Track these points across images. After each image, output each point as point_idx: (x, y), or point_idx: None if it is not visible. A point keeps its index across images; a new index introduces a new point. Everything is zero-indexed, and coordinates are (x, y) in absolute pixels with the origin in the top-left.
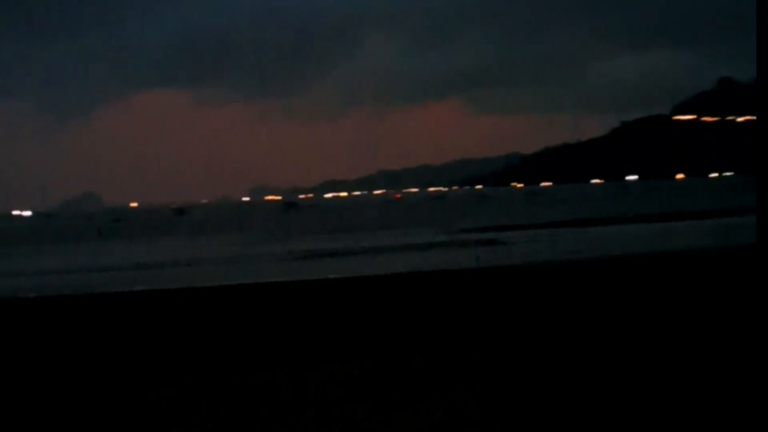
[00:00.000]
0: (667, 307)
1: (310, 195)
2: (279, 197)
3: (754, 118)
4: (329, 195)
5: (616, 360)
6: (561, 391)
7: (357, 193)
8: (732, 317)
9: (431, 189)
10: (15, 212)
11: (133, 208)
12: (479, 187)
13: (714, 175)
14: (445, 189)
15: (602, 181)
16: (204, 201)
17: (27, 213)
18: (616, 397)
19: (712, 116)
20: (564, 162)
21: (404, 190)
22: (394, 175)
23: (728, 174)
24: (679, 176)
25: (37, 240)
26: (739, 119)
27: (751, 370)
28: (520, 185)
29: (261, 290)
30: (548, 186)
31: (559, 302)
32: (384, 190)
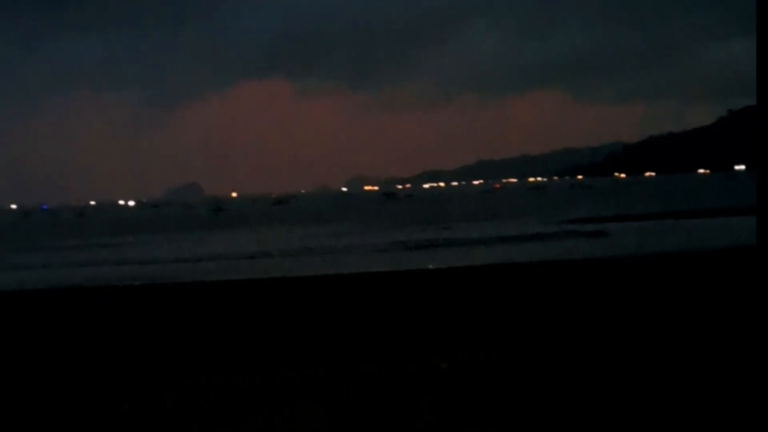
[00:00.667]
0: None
1: (408, 185)
2: (377, 187)
3: None
4: (427, 185)
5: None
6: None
7: (455, 183)
8: None
9: (531, 179)
10: (120, 202)
11: (234, 198)
12: (580, 177)
13: None
14: (545, 179)
15: (708, 171)
16: (302, 191)
17: (131, 203)
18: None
19: None
20: (668, 151)
21: (503, 181)
22: (493, 165)
23: None
24: None
25: (144, 229)
26: None
27: None
28: (623, 175)
29: (365, 280)
30: (651, 176)
31: (674, 296)
32: (482, 181)
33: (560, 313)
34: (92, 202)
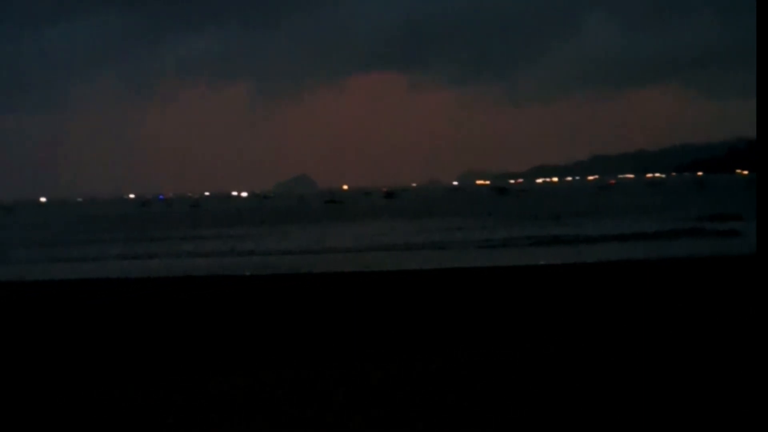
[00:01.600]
0: None
1: (521, 180)
2: (488, 182)
3: None
4: (540, 180)
5: None
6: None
7: (569, 178)
8: None
9: (648, 175)
10: (233, 193)
11: (345, 190)
12: (700, 173)
13: None
14: (663, 175)
15: None
16: (413, 185)
17: (244, 194)
18: None
19: None
20: None
21: (619, 176)
22: (608, 160)
23: None
24: None
25: (256, 220)
26: None
27: None
28: (745, 172)
29: (457, 276)
30: None
31: None
32: (597, 176)
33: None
34: (206, 193)
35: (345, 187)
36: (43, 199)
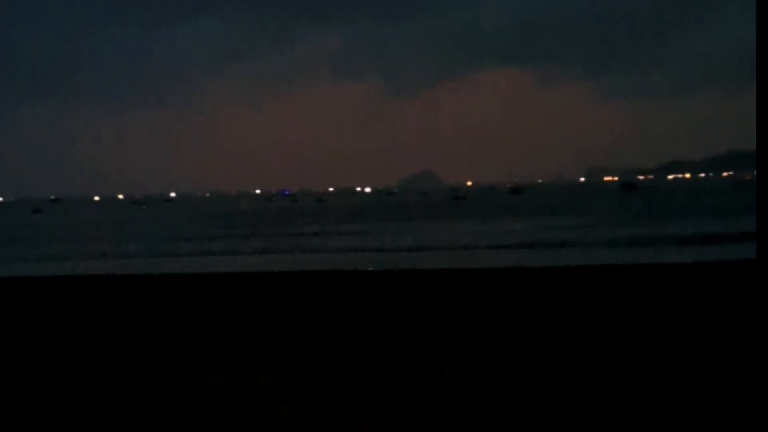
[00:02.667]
0: None
1: (650, 176)
2: (616, 178)
3: None
4: (671, 176)
5: None
6: None
7: (702, 174)
8: None
9: None
10: (357, 188)
11: (469, 186)
12: None
13: None
14: None
15: None
16: (539, 181)
17: (368, 189)
18: None
19: None
20: None
21: (756, 172)
22: (745, 155)
23: None
24: None
25: (380, 216)
26: None
27: None
28: None
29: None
30: None
31: None
32: (732, 172)
33: None
34: (330, 189)
35: (469, 183)
36: (172, 195)
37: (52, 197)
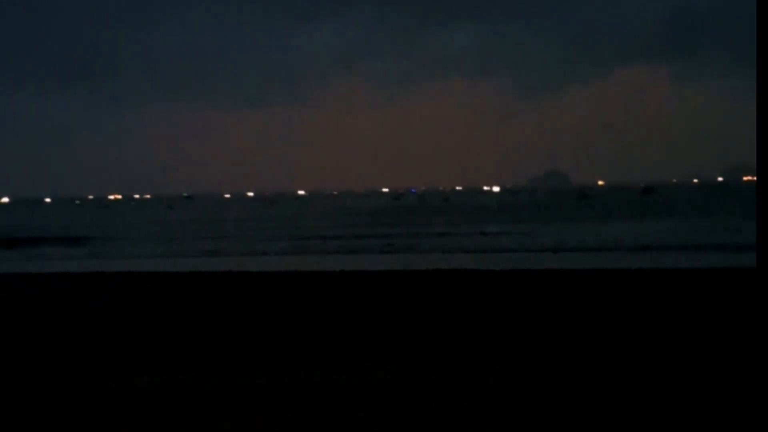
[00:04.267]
0: None
1: None
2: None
3: None
4: None
5: None
6: None
7: None
8: None
9: None
10: (485, 188)
11: (600, 186)
12: None
13: None
14: None
15: None
16: (673, 180)
17: (495, 189)
18: None
19: None
20: None
21: None
22: None
23: None
24: None
25: (506, 216)
26: None
27: None
28: None
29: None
30: None
31: None
32: None
33: None
34: (458, 187)
35: (600, 182)
36: (301, 192)
37: (185, 194)
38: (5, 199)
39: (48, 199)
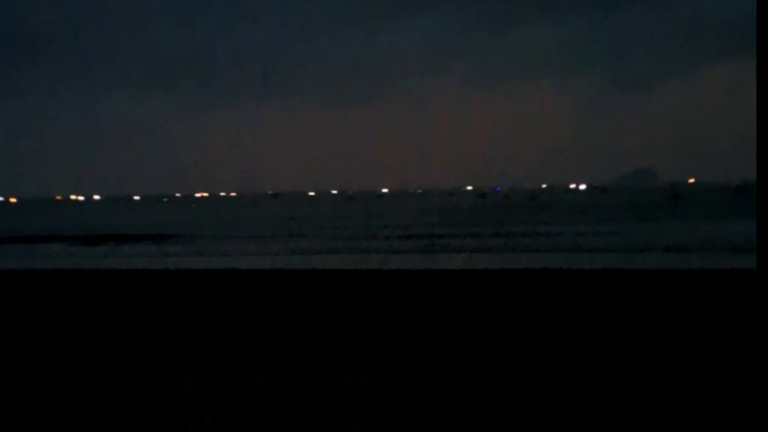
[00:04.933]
0: None
1: None
2: None
3: None
4: None
5: None
6: None
7: None
8: None
9: None
10: (571, 186)
11: (691, 184)
12: None
13: None
14: None
15: None
16: None
17: (582, 186)
18: None
19: None
20: None
21: None
22: None
23: None
24: None
25: (593, 216)
26: None
27: None
28: None
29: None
30: None
31: None
32: None
33: None
34: (544, 185)
35: (691, 180)
36: (384, 190)
37: (270, 192)
38: (97, 197)
39: (137, 197)
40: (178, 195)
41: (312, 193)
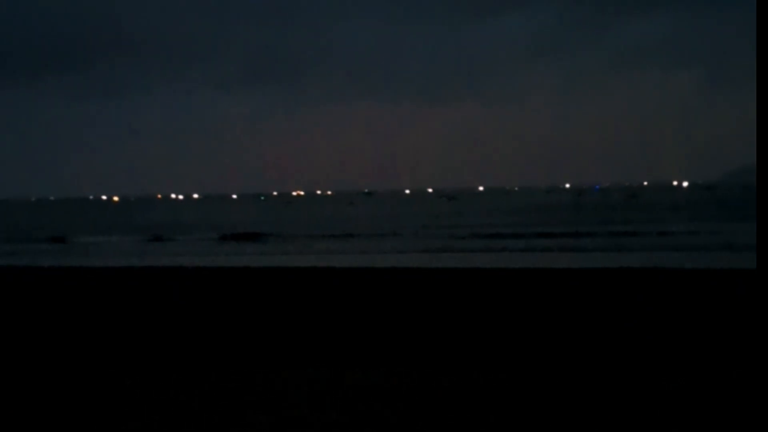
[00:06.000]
0: None
1: None
2: None
3: None
4: None
5: None
6: None
7: None
8: None
9: None
10: (674, 183)
11: None
12: None
13: None
14: None
15: None
16: None
17: (685, 184)
18: None
19: None
20: None
21: None
22: None
23: None
24: None
25: (696, 215)
26: None
27: None
28: None
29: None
30: None
31: None
32: None
33: None
34: (645, 183)
35: None
36: (480, 188)
37: (366, 190)
38: (195, 195)
39: (234, 196)
40: (275, 193)
41: (408, 192)
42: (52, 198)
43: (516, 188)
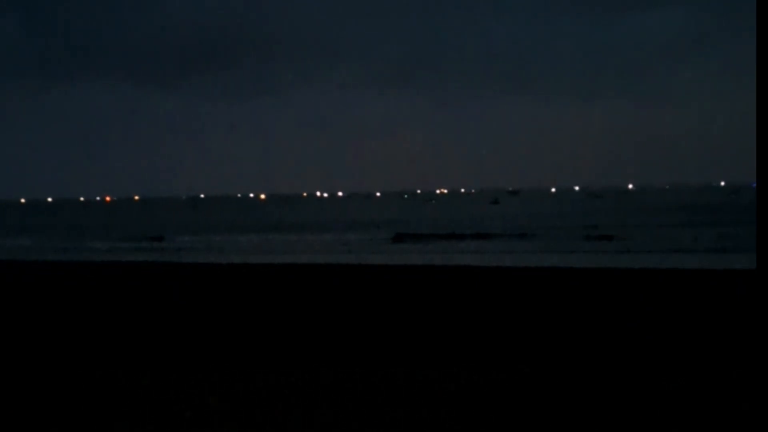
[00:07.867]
0: None
1: None
2: None
3: None
4: None
5: None
6: None
7: None
8: None
9: None
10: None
11: None
12: None
13: None
14: None
15: None
16: None
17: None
18: None
19: None
20: None
21: None
22: None
23: None
24: None
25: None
26: None
27: None
28: None
29: None
30: None
31: None
32: None
33: None
34: None
35: None
36: (630, 186)
37: (510, 189)
38: (340, 193)
39: (378, 194)
40: (418, 191)
41: (553, 190)
42: (202, 195)
43: (666, 186)
